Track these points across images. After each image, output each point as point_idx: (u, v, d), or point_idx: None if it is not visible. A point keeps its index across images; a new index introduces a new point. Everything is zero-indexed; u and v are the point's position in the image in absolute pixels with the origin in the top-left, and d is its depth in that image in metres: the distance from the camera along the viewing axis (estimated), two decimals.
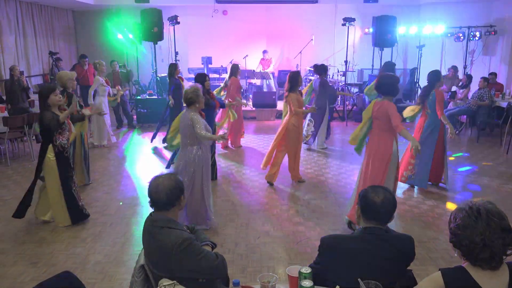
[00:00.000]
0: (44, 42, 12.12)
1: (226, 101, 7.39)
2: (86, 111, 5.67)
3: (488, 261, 1.74)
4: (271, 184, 6.12)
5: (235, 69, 8.03)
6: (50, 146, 4.56)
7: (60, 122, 4.52)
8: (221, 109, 7.48)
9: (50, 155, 4.56)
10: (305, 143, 7.99)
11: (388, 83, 4.39)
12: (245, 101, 8.39)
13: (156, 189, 2.26)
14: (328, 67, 12.89)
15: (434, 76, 5.71)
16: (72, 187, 4.72)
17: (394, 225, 4.67)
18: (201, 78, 6.22)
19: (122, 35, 12.34)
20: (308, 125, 8.06)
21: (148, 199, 2.31)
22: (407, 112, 5.90)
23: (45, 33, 12.19)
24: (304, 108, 6.22)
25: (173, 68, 7.91)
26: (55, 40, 12.83)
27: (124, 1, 12.39)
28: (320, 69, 7.94)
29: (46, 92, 4.51)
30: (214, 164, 6.26)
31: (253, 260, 4.05)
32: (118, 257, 4.10)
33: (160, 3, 11.92)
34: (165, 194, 2.24)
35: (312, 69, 12.82)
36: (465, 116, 9.81)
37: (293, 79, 5.89)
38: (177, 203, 2.31)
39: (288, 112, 5.95)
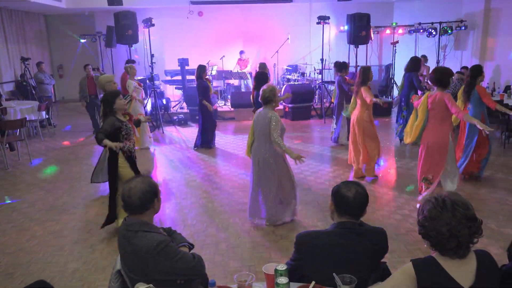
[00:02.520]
0: (16, 48, 11.86)
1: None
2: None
3: (456, 250, 1.80)
4: (376, 177, 6.24)
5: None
6: (120, 152, 4.39)
7: (103, 143, 4.22)
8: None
9: (121, 161, 4.42)
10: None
11: (440, 77, 4.68)
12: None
13: (129, 192, 2.24)
14: (305, 65, 13.07)
15: (475, 71, 5.72)
16: None
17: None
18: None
19: (96, 39, 12.17)
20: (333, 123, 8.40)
21: (122, 203, 2.29)
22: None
23: (16, 38, 11.93)
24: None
25: (201, 70, 7.87)
26: (27, 45, 12.58)
27: (97, 4, 12.21)
28: (338, 67, 8.09)
29: (112, 98, 4.34)
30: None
31: (234, 260, 4.05)
32: (98, 264, 4.05)
33: (134, 5, 11.81)
34: (138, 197, 2.22)
35: (290, 68, 12.96)
36: None
37: (365, 74, 6.01)
38: (151, 206, 2.29)
39: (360, 107, 6.01)
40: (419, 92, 7.76)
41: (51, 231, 4.82)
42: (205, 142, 8.25)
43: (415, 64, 7.95)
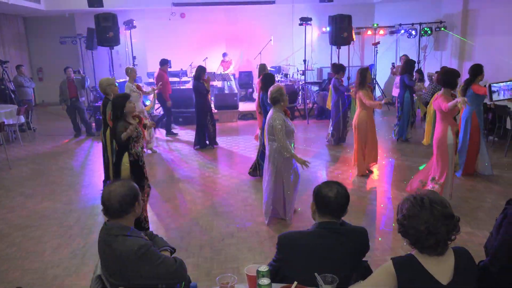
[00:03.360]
0: None
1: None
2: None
3: (434, 247, 1.82)
4: (371, 172, 6.46)
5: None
6: (126, 153, 4.29)
7: (123, 139, 4.18)
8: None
9: (125, 161, 4.30)
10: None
11: (445, 78, 4.77)
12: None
13: (109, 196, 2.21)
14: (288, 66, 13.12)
15: (475, 70, 5.81)
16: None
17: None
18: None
19: (76, 41, 12.00)
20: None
21: (102, 208, 2.26)
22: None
23: None
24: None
25: (201, 71, 7.92)
26: (5, 48, 12.33)
27: (77, 5, 12.03)
28: (335, 69, 8.15)
29: (122, 101, 4.23)
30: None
31: (218, 262, 4.04)
32: (78, 270, 3.98)
33: (115, 7, 11.68)
34: (117, 201, 2.19)
35: (273, 69, 12.98)
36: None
37: (362, 75, 6.09)
38: (132, 210, 2.26)
39: (358, 108, 6.17)
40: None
41: (30, 237, 4.72)
42: (201, 141, 8.33)
43: (409, 66, 8.20)
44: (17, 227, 5.00)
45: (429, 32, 11.63)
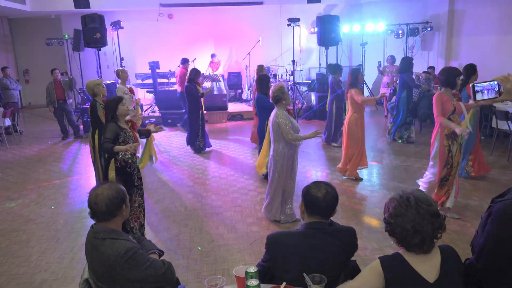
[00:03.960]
0: None
1: None
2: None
3: (420, 245, 1.84)
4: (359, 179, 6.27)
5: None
6: (112, 160, 4.14)
7: (114, 150, 3.99)
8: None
9: (111, 171, 4.16)
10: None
11: (444, 78, 4.60)
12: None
13: (96, 199, 2.18)
14: (276, 67, 13.14)
15: (469, 70, 5.76)
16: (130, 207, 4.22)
17: None
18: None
19: (63, 42, 11.87)
20: None
21: (88, 210, 2.23)
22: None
23: None
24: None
25: (197, 74, 7.82)
26: None
27: (63, 6, 11.91)
28: (331, 69, 8.14)
29: (115, 104, 4.13)
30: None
31: (208, 264, 4.02)
32: (66, 274, 3.94)
33: (102, 8, 11.59)
34: (105, 204, 2.17)
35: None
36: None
37: (354, 76, 6.02)
38: (119, 213, 2.24)
39: (350, 110, 6.04)
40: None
41: (17, 241, 4.65)
42: (193, 143, 8.19)
43: (406, 64, 8.08)
44: (3, 231, 4.93)
45: (416, 33, 11.73)
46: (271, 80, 12.08)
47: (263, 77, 6.34)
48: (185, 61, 10.24)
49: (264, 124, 5.90)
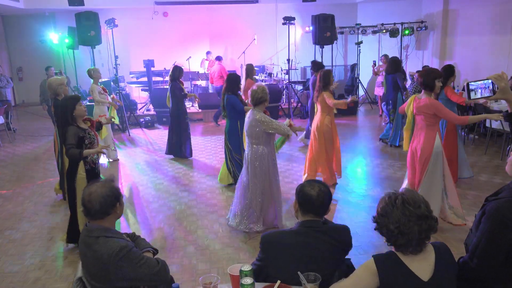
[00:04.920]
0: None
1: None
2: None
3: (406, 246, 1.85)
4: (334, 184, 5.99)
5: (250, 70, 7.95)
6: (81, 162, 3.99)
7: (84, 155, 3.92)
8: None
9: (81, 172, 4.01)
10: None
11: (429, 78, 4.28)
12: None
13: (89, 197, 2.17)
14: (272, 66, 13.14)
15: (447, 71, 5.62)
16: None
17: None
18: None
19: (57, 40, 11.79)
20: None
21: (82, 208, 2.22)
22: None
23: None
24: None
25: (180, 72, 7.38)
26: None
27: (57, 4, 11.83)
28: (315, 66, 7.90)
29: (72, 104, 3.96)
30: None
31: (203, 262, 4.02)
32: (60, 272, 3.92)
33: (96, 6, 11.52)
34: (98, 202, 2.16)
35: (257, 68, 12.99)
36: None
37: (325, 78, 5.76)
38: (113, 211, 2.23)
39: (320, 112, 5.80)
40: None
41: (11, 239, 4.63)
42: (173, 149, 7.66)
43: (396, 65, 7.85)
44: None
45: (409, 31, 11.77)
46: (266, 78, 12.15)
47: (234, 77, 5.92)
48: (220, 58, 11.38)
49: (237, 126, 5.68)
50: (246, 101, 5.71)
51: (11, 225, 5.00)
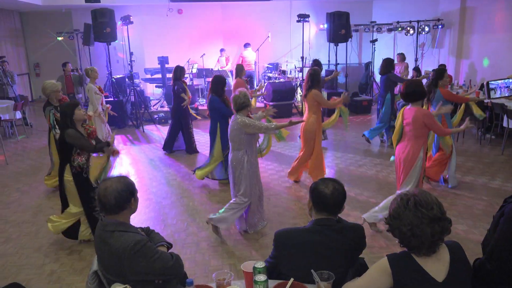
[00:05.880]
0: None
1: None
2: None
3: (419, 248, 1.83)
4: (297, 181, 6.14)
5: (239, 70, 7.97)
6: (68, 166, 4.13)
7: (89, 148, 4.14)
8: None
9: (67, 175, 4.15)
10: None
11: (413, 91, 4.16)
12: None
13: (105, 192, 2.20)
14: (286, 63, 13.10)
15: (438, 73, 5.61)
16: (94, 208, 4.19)
17: None
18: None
19: (73, 37, 11.94)
20: None
21: (98, 203, 2.25)
22: None
23: None
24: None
25: (182, 72, 7.62)
26: (2, 43, 12.25)
27: (73, 1, 11.97)
28: (315, 65, 7.86)
29: (71, 109, 4.07)
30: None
31: (215, 259, 4.04)
32: (75, 265, 3.98)
33: (112, 3, 11.63)
34: (114, 197, 2.18)
35: (271, 66, 12.98)
36: None
37: (314, 77, 5.71)
38: (128, 206, 2.25)
39: (307, 111, 5.81)
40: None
41: (27, 232, 4.71)
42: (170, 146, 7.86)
43: (388, 65, 7.86)
44: (13, 223, 4.99)
45: (426, 30, 11.61)
46: (279, 76, 12.12)
47: (219, 78, 5.93)
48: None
49: (216, 126, 5.76)
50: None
51: (27, 219, 5.09)
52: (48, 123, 5.64)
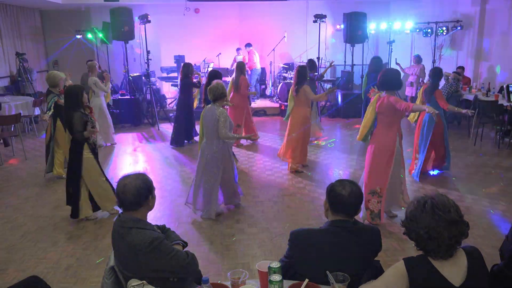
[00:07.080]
0: (11, 43, 11.75)
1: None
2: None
3: (436, 251, 1.81)
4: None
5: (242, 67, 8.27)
6: (85, 144, 4.64)
7: (85, 135, 4.60)
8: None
9: (87, 152, 4.66)
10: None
11: (390, 79, 4.44)
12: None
13: (124, 188, 2.23)
14: (301, 63, 13.03)
15: (440, 73, 5.97)
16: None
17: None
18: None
19: (92, 35, 12.10)
20: None
21: (116, 199, 2.28)
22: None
23: (11, 34, 11.82)
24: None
25: (190, 68, 8.03)
26: (22, 41, 12.47)
27: (93, 0, 12.14)
28: (310, 66, 8.21)
29: (81, 91, 4.56)
30: None
31: (229, 258, 4.06)
32: (91, 260, 4.04)
33: (130, 2, 11.75)
34: (132, 194, 2.21)
35: (287, 66, 12.96)
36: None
37: (302, 73, 6.19)
38: (145, 203, 2.28)
39: (295, 106, 6.32)
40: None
41: (44, 227, 4.80)
42: (179, 140, 8.29)
43: (377, 64, 8.11)
44: (31, 217, 5.09)
45: (445, 31, 11.44)
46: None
47: (215, 73, 6.44)
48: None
49: None
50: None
51: (45, 213, 5.18)
52: (46, 107, 6.06)
